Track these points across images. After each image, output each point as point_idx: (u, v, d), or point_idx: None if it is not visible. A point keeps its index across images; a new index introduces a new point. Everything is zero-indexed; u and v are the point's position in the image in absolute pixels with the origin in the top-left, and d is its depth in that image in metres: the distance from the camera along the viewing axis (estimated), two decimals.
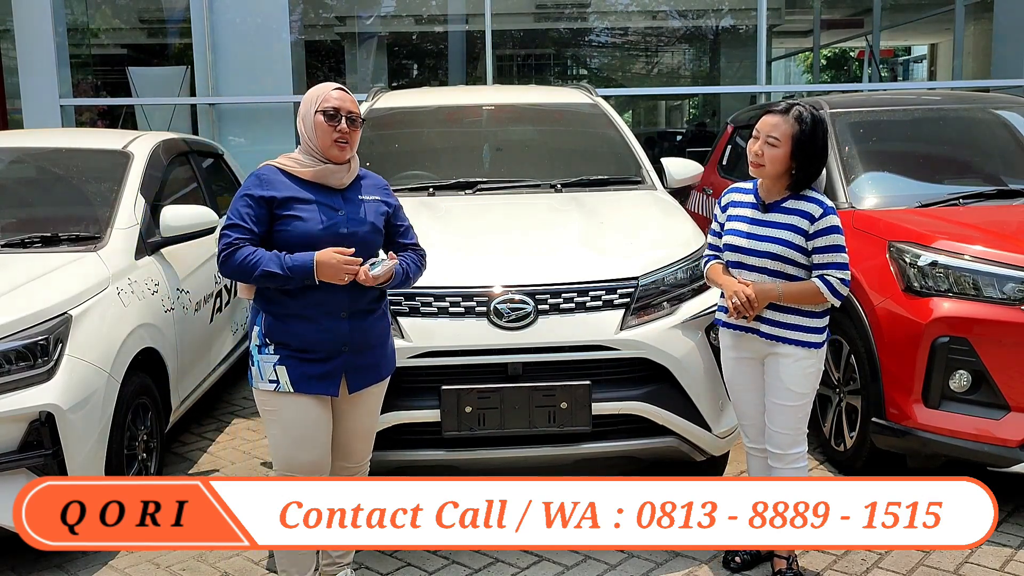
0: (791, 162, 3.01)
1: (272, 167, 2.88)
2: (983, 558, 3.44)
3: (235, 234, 2.76)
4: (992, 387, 3.63)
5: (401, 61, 14.06)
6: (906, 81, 23.23)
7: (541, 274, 3.49)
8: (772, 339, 3.08)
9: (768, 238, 3.06)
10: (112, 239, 4.10)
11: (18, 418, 3.24)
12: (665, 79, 14.96)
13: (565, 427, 3.37)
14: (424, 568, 3.42)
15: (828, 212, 3.02)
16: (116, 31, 12.27)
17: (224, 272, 2.80)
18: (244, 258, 2.73)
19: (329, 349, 2.83)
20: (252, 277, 2.75)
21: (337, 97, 2.86)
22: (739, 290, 3.03)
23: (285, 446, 2.88)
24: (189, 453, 4.72)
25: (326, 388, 2.85)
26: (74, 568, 3.50)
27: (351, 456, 3.04)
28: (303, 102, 2.90)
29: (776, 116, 3.03)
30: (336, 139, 2.83)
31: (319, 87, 2.91)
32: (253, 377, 2.88)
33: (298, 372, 2.81)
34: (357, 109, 2.90)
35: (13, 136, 5.14)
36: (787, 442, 3.14)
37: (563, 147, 5.23)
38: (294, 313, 2.81)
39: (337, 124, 2.82)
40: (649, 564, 3.43)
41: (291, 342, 2.81)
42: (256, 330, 2.87)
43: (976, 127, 5.20)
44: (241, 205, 2.80)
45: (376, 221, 2.93)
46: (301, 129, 2.89)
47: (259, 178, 2.85)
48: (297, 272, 2.72)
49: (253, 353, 2.88)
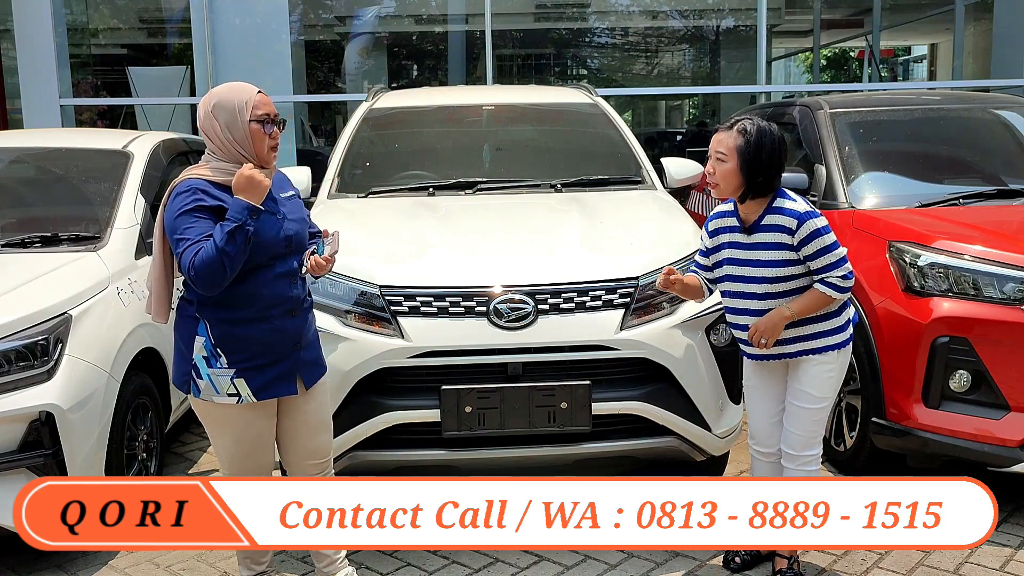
0: (741, 175, 3.01)
1: (199, 180, 2.70)
2: (983, 558, 3.44)
3: (195, 249, 2.60)
4: (992, 387, 3.63)
5: (401, 61, 14.06)
6: (906, 81, 23.23)
7: (541, 274, 3.48)
8: (799, 355, 3.08)
9: (759, 262, 3.06)
10: (112, 239, 4.10)
11: (18, 418, 3.24)
12: (665, 79, 14.96)
13: (565, 427, 3.36)
14: (424, 568, 3.42)
15: (804, 219, 2.99)
16: (116, 31, 12.27)
17: (201, 284, 2.62)
18: (206, 254, 2.58)
19: (283, 348, 2.83)
20: (224, 260, 2.58)
21: (264, 101, 2.77)
22: (756, 340, 3.05)
23: (239, 454, 2.88)
24: (189, 453, 4.72)
25: (287, 388, 2.86)
26: (74, 568, 3.50)
27: (317, 452, 3.02)
28: (219, 107, 2.72)
29: (722, 132, 3.07)
30: (271, 146, 2.78)
31: (235, 91, 2.76)
32: (203, 391, 2.78)
33: (258, 381, 2.79)
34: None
35: (13, 136, 5.14)
36: (802, 444, 3.14)
37: (563, 147, 5.23)
38: (247, 318, 2.76)
39: (271, 131, 2.77)
40: (649, 564, 3.43)
41: (245, 350, 2.76)
42: (201, 341, 2.75)
43: (976, 127, 5.20)
44: (188, 222, 2.64)
45: (304, 215, 2.95)
46: (223, 136, 2.72)
47: (193, 191, 2.67)
48: (242, 214, 2.61)
49: (200, 366, 2.76)
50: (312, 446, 3.01)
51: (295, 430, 2.97)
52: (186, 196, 2.68)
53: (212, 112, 2.74)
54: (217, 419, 2.85)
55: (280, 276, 2.81)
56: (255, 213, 2.65)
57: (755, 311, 3.08)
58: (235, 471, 2.93)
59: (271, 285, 2.78)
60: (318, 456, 3.04)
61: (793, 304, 3.02)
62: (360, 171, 4.80)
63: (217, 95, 2.76)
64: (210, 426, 2.90)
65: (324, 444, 3.06)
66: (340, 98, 12.50)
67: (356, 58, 13.17)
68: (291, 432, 2.97)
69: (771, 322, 3.02)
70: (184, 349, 2.81)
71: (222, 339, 2.76)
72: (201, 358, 2.77)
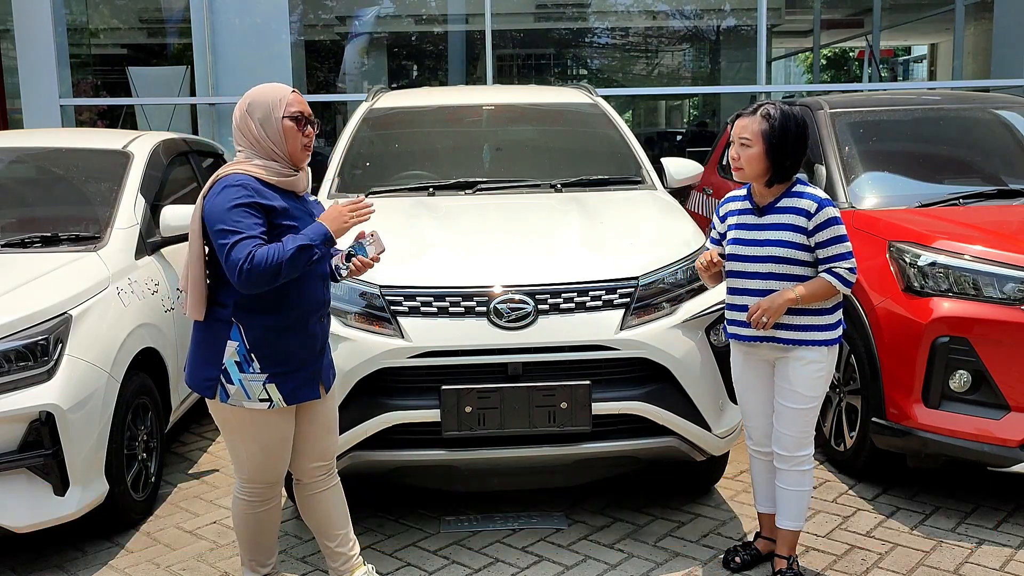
0: (767, 160, 3.04)
1: (246, 175, 2.71)
2: (983, 558, 3.44)
3: (250, 244, 2.59)
4: (992, 387, 3.63)
5: (401, 61, 14.06)
6: (906, 81, 23.23)
7: (541, 274, 3.48)
8: (790, 343, 3.08)
9: (768, 241, 3.07)
10: (112, 239, 4.10)
11: (18, 418, 3.24)
12: (665, 79, 14.95)
13: (565, 427, 3.36)
14: (424, 568, 3.42)
15: (824, 205, 3.04)
16: (116, 31, 12.27)
17: (248, 283, 2.59)
18: (266, 257, 2.58)
19: (312, 353, 2.84)
20: (282, 270, 2.59)
21: (299, 100, 2.79)
22: (756, 318, 3.04)
23: (262, 458, 2.88)
24: (189, 453, 4.72)
25: (313, 392, 2.87)
26: (74, 568, 3.50)
27: (325, 453, 3.04)
28: (254, 105, 2.75)
29: (746, 118, 3.09)
30: (305, 144, 2.80)
31: (270, 90, 2.78)
32: (232, 396, 2.75)
33: (288, 386, 2.79)
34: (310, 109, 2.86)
35: (13, 136, 5.14)
36: (794, 444, 3.14)
37: (563, 147, 5.23)
38: (286, 325, 2.76)
39: (305, 129, 2.79)
40: (649, 564, 3.43)
41: (280, 356, 2.76)
42: (234, 346, 2.73)
43: (976, 127, 5.20)
44: (241, 216, 2.63)
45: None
46: (257, 133, 2.74)
47: (245, 187, 2.67)
48: (318, 239, 2.66)
49: (231, 371, 2.74)
50: (322, 447, 3.02)
51: (308, 432, 2.97)
52: (238, 190, 2.67)
53: (247, 111, 2.76)
54: (244, 424, 2.83)
55: (318, 278, 2.84)
56: (330, 243, 2.70)
57: (757, 291, 3.08)
58: (256, 476, 2.92)
59: (310, 289, 2.80)
60: (325, 458, 3.05)
61: (800, 287, 3.03)
62: (360, 171, 4.80)
63: (253, 94, 2.80)
64: (232, 432, 2.87)
65: (332, 445, 3.07)
66: (340, 98, 12.50)
67: (356, 58, 13.17)
68: (303, 434, 2.97)
69: (776, 302, 3.02)
70: (211, 353, 2.77)
71: (257, 344, 2.74)
72: (233, 363, 2.74)
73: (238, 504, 2.98)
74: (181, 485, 4.29)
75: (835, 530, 3.68)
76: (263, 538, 3.05)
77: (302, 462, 3.01)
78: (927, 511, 3.84)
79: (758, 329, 3.07)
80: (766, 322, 3.03)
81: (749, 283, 3.11)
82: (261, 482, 2.93)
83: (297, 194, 2.84)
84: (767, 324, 3.03)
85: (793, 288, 3.03)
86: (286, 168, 2.79)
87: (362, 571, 3.11)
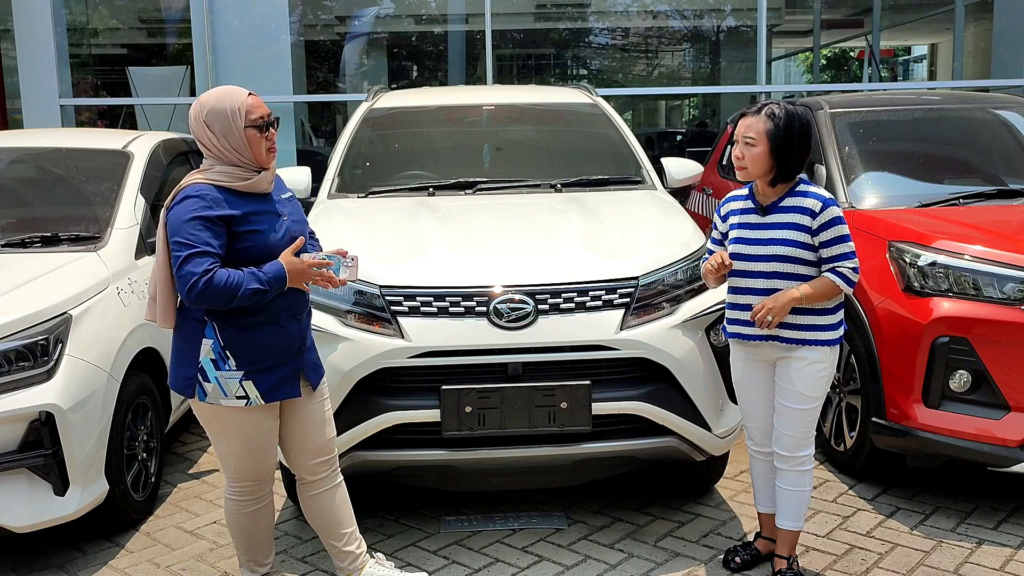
0: (772, 159, 3.04)
1: (207, 186, 2.71)
2: (983, 558, 3.44)
3: (205, 261, 2.62)
4: (992, 387, 3.63)
5: (401, 61, 14.06)
6: (906, 81, 23.24)
7: (541, 274, 3.48)
8: (792, 343, 3.08)
9: (772, 241, 3.07)
10: (112, 239, 4.10)
11: (18, 418, 3.24)
12: (665, 79, 14.96)
13: (565, 427, 3.36)
14: (424, 568, 3.42)
15: (828, 204, 3.04)
16: (116, 31, 12.27)
17: (199, 300, 2.63)
18: (223, 283, 2.61)
19: (290, 351, 2.85)
20: (233, 300, 2.64)
21: (256, 104, 2.78)
22: (761, 317, 3.03)
23: (246, 457, 2.90)
24: (189, 453, 4.72)
25: (293, 390, 2.88)
26: (74, 568, 3.50)
27: (325, 448, 3.05)
28: (212, 115, 2.73)
29: (750, 117, 3.09)
30: (268, 148, 2.81)
31: (226, 97, 2.75)
32: (209, 394, 2.77)
33: (266, 383, 2.80)
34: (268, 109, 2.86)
35: (13, 136, 5.14)
36: (794, 444, 3.14)
37: (563, 147, 5.22)
38: (257, 321, 2.77)
39: (267, 133, 2.79)
40: (649, 564, 3.43)
41: (255, 353, 2.77)
42: (209, 344, 2.75)
43: (976, 127, 5.20)
44: (197, 229, 2.64)
45: (302, 215, 2.99)
46: (220, 144, 2.73)
47: (203, 198, 2.67)
48: (274, 284, 2.71)
49: (207, 369, 2.75)
50: (319, 443, 3.02)
51: (301, 429, 2.98)
52: (196, 202, 2.68)
53: (205, 121, 2.74)
54: (223, 422, 2.84)
55: None
56: (282, 286, 2.72)
57: (761, 291, 3.08)
58: (242, 474, 2.94)
59: (286, 290, 2.80)
60: (326, 453, 3.05)
61: (804, 287, 3.03)
62: (360, 171, 4.80)
63: (207, 103, 2.75)
64: (215, 430, 2.89)
65: (331, 441, 3.08)
66: (340, 98, 12.51)
67: (356, 58, 13.18)
68: (297, 432, 2.98)
69: (780, 301, 3.02)
70: (188, 352, 2.79)
71: (231, 342, 2.76)
72: (209, 361, 2.76)
73: (229, 504, 3.00)
74: (181, 485, 4.29)
75: (835, 530, 3.69)
76: (257, 537, 3.06)
77: (302, 460, 3.02)
78: (927, 511, 3.84)
79: (762, 328, 3.07)
80: (771, 321, 3.03)
81: (753, 282, 3.11)
82: (248, 480, 2.95)
83: (262, 193, 2.83)
84: (772, 323, 3.03)
85: (797, 287, 3.03)
86: (248, 172, 2.78)
87: (371, 564, 3.13)
